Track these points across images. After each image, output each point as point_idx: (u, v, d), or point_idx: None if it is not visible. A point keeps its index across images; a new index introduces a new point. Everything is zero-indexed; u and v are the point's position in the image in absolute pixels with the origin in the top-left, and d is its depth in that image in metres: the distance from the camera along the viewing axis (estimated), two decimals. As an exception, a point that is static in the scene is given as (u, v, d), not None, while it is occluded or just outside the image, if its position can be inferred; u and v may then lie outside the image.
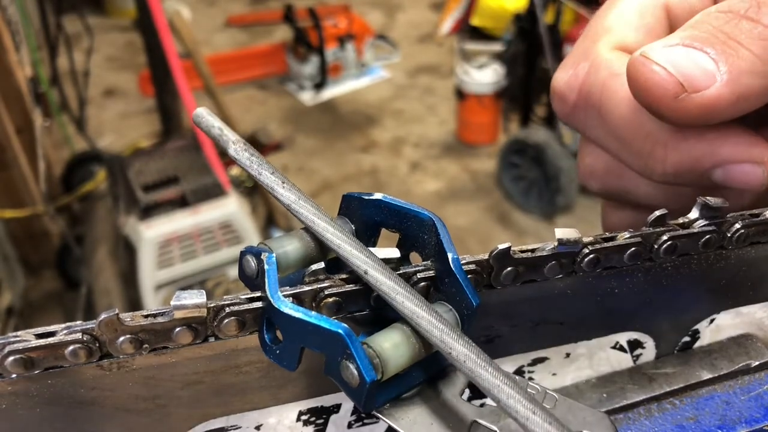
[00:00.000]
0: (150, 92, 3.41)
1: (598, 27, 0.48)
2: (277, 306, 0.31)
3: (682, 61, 0.38)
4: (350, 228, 0.37)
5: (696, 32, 0.39)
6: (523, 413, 0.29)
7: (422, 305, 0.31)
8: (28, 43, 2.83)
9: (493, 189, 3.63)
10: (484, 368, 0.30)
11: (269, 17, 5.23)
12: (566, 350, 0.44)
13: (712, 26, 0.39)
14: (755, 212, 0.42)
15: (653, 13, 0.47)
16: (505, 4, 3.86)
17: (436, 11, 5.33)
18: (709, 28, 0.39)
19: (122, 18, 5.27)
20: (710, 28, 0.39)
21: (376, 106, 4.43)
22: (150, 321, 0.32)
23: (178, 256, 2.34)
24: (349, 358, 0.30)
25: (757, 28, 0.38)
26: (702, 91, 0.38)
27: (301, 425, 0.40)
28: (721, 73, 0.38)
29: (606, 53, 0.46)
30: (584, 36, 0.49)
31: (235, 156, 0.35)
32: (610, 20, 0.47)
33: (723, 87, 0.38)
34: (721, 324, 0.47)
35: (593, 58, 0.46)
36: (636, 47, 0.43)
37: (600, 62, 0.45)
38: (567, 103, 0.48)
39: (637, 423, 0.43)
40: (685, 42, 0.39)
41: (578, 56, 0.48)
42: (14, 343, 0.30)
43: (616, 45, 0.46)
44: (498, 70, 3.66)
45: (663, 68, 0.38)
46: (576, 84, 0.47)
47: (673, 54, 0.39)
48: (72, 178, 3.18)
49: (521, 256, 0.37)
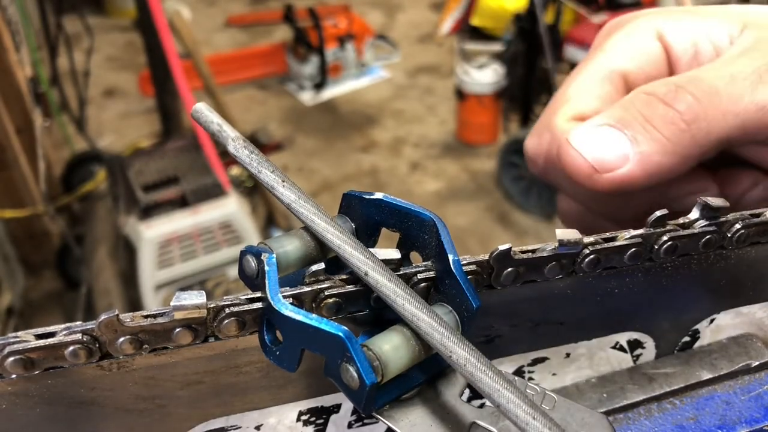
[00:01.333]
0: (150, 92, 3.40)
1: (559, 98, 0.54)
2: (277, 308, 0.31)
3: (598, 146, 0.46)
4: (350, 227, 0.37)
5: (621, 112, 0.46)
6: (522, 418, 0.29)
7: (422, 308, 0.31)
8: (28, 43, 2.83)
9: (493, 189, 3.63)
10: (484, 372, 0.30)
11: (269, 17, 5.23)
12: (566, 350, 0.44)
13: (635, 107, 0.46)
14: (755, 212, 0.42)
15: (611, 82, 0.52)
16: (505, 4, 3.85)
17: (436, 11, 5.33)
18: (632, 109, 0.46)
19: (122, 18, 5.26)
20: (633, 110, 0.46)
21: (376, 106, 4.42)
22: (150, 321, 0.32)
23: (178, 256, 2.34)
24: (349, 360, 0.30)
25: (670, 112, 0.45)
26: (613, 171, 0.45)
27: (301, 425, 0.40)
28: (634, 153, 0.45)
29: (562, 124, 0.51)
30: (549, 106, 0.55)
31: (235, 153, 0.35)
32: (570, 91, 0.53)
33: (634, 165, 0.45)
34: (721, 324, 0.47)
35: (552, 129, 0.52)
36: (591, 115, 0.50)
37: (557, 133, 0.51)
38: (537, 166, 0.55)
39: (637, 423, 0.43)
40: (609, 122, 0.46)
41: (542, 126, 0.54)
42: (14, 344, 0.30)
43: (573, 115, 0.51)
44: (498, 70, 3.66)
45: (579, 153, 0.46)
46: (541, 151, 0.53)
47: (593, 137, 0.46)
48: (72, 178, 3.18)
49: (522, 257, 0.37)
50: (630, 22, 0.53)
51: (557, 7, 3.29)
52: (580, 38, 3.22)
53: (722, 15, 0.50)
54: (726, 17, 0.50)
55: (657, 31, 0.52)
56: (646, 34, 0.52)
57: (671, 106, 0.45)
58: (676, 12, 0.53)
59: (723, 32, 0.50)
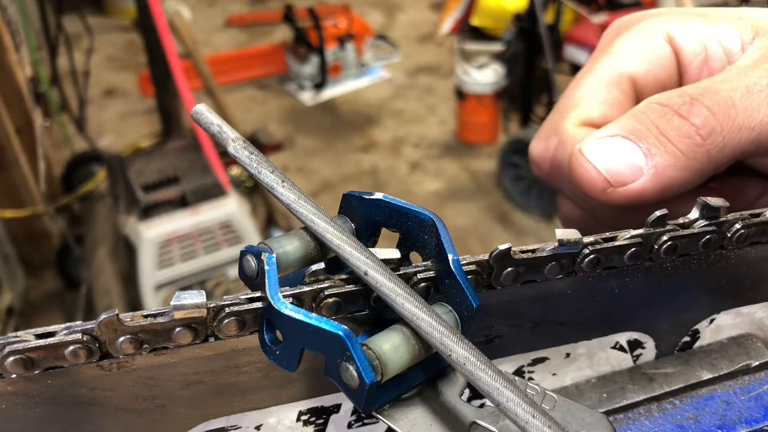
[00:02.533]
0: (150, 92, 3.40)
1: (567, 102, 0.52)
2: (277, 307, 0.31)
3: (612, 158, 0.44)
4: (350, 227, 0.37)
5: (634, 123, 0.45)
6: (522, 416, 0.29)
7: (422, 307, 0.31)
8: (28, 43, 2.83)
9: (493, 189, 3.63)
10: (484, 371, 0.30)
11: (269, 17, 5.23)
12: (566, 350, 0.44)
13: (649, 119, 0.45)
14: (755, 212, 0.42)
15: (620, 86, 0.51)
16: (505, 4, 3.85)
17: (436, 11, 5.33)
18: (646, 120, 0.45)
19: (122, 18, 5.26)
20: (647, 121, 0.45)
21: (376, 106, 4.42)
22: (150, 321, 0.32)
23: (178, 256, 2.34)
24: (348, 359, 0.30)
25: (685, 126, 0.43)
26: (627, 185, 0.44)
27: (301, 425, 0.40)
28: (648, 167, 0.44)
29: (571, 129, 0.50)
30: (556, 109, 0.54)
31: (235, 154, 0.35)
32: (578, 95, 0.52)
33: (648, 180, 0.44)
34: (721, 324, 0.47)
35: (561, 133, 0.51)
36: (600, 120, 0.50)
37: (566, 139, 0.50)
38: (542, 171, 0.54)
39: (637, 423, 0.43)
40: (622, 133, 0.45)
41: (549, 130, 0.53)
42: (14, 344, 0.30)
43: (582, 120, 0.51)
44: (498, 70, 3.66)
45: (592, 165, 0.45)
46: (548, 156, 0.52)
47: (606, 148, 0.45)
48: (72, 178, 3.17)
49: (521, 257, 0.37)
50: (639, 23, 0.52)
51: (557, 7, 3.29)
52: (580, 38, 3.22)
53: (733, 19, 0.49)
54: (737, 22, 0.49)
55: (666, 33, 0.51)
56: (656, 35, 0.51)
57: (687, 120, 0.44)
58: (686, 14, 0.52)
59: (734, 37, 0.49)
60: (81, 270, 2.75)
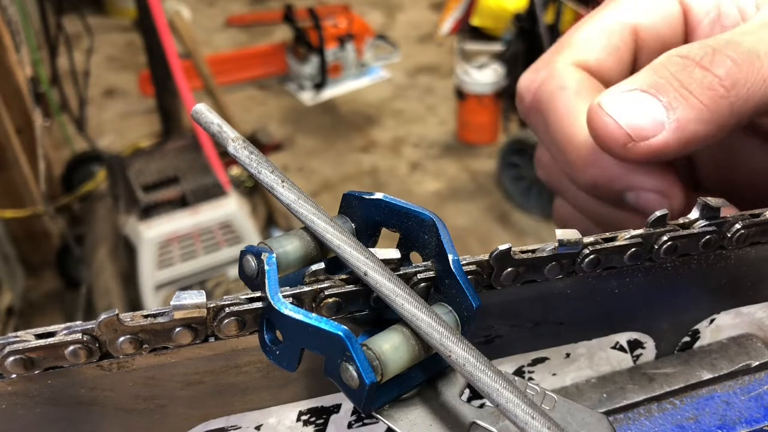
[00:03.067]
0: (150, 92, 3.40)
1: (565, 41, 0.51)
2: (277, 307, 0.31)
3: (633, 111, 0.42)
4: (350, 227, 0.37)
5: (653, 77, 0.43)
6: (522, 417, 0.29)
7: (422, 308, 0.31)
8: (28, 43, 2.83)
9: (493, 189, 3.63)
10: (484, 372, 0.30)
11: (269, 17, 5.23)
12: (566, 350, 0.44)
13: (669, 72, 0.43)
14: (755, 212, 0.42)
15: (620, 35, 0.50)
16: (505, 4, 3.85)
17: (436, 11, 5.33)
18: (666, 73, 0.43)
19: (122, 18, 5.26)
20: (667, 74, 0.43)
21: (376, 106, 4.42)
22: (150, 321, 0.32)
23: (178, 256, 2.34)
24: (348, 360, 0.30)
25: (708, 77, 0.42)
26: (649, 139, 0.42)
27: (301, 425, 0.40)
28: (669, 120, 0.42)
29: (562, 66, 0.49)
30: (552, 47, 0.52)
31: (234, 153, 0.35)
32: (576, 36, 0.51)
33: (670, 134, 0.42)
34: (721, 324, 0.47)
35: (551, 68, 0.50)
36: (596, 66, 0.48)
37: (554, 73, 0.49)
38: (523, 104, 0.52)
39: (637, 423, 0.43)
40: (642, 87, 0.43)
41: (541, 63, 0.51)
42: (14, 344, 0.30)
43: (576, 61, 0.49)
44: (498, 70, 3.66)
45: (613, 120, 0.43)
46: (533, 88, 0.51)
47: (627, 102, 0.43)
48: (72, 178, 3.18)
49: (521, 257, 0.37)
50: None
51: (557, 7, 3.29)
52: (580, 38, 3.22)
53: None
54: None
55: None
56: None
57: (709, 71, 0.42)
58: None
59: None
60: (81, 270, 2.75)
